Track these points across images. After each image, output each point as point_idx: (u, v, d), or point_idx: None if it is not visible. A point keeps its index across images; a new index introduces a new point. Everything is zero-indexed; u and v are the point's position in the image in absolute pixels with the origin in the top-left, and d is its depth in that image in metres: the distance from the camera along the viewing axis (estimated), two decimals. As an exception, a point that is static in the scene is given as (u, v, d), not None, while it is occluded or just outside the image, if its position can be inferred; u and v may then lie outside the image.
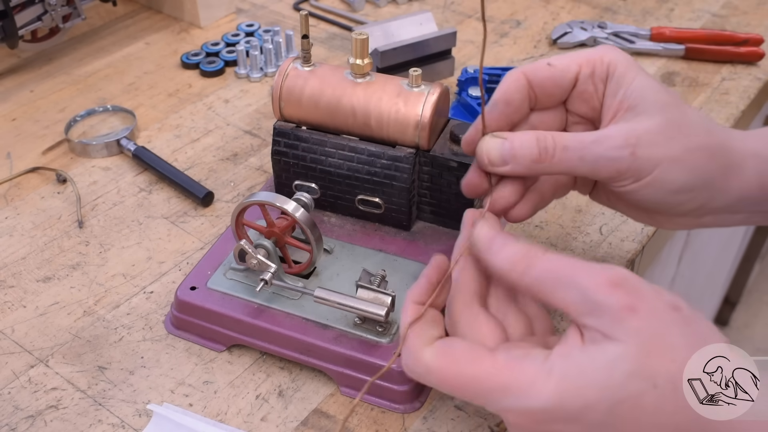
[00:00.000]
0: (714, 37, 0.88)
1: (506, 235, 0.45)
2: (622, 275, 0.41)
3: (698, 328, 0.41)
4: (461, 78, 0.79)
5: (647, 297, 0.40)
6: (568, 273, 0.41)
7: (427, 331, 0.44)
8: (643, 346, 0.39)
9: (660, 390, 0.39)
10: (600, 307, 0.40)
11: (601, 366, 0.39)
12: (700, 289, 1.48)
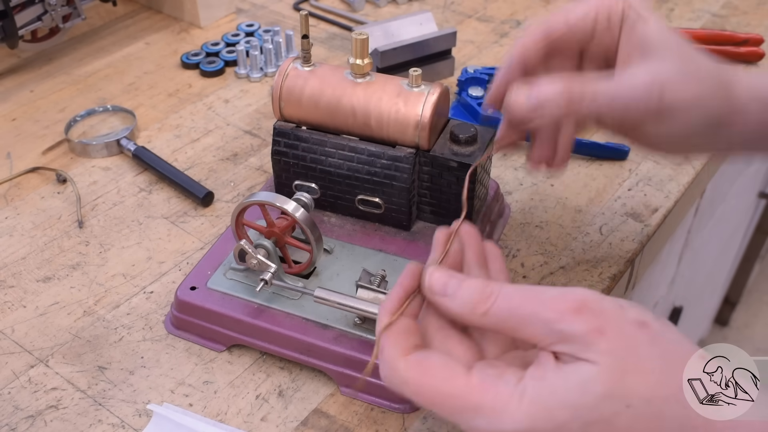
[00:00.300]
0: (714, 37, 0.88)
1: (459, 277, 0.44)
2: (583, 298, 0.41)
3: (667, 343, 0.41)
4: (461, 78, 0.79)
5: (612, 317, 0.40)
6: (529, 308, 0.41)
7: (404, 341, 0.43)
8: (616, 367, 0.39)
9: (633, 410, 0.38)
10: (567, 335, 0.40)
11: (573, 387, 0.39)
12: (700, 289, 1.48)
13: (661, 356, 0.40)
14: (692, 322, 1.56)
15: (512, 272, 0.63)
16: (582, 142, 0.74)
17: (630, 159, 0.74)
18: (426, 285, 0.44)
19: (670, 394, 0.39)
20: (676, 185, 0.71)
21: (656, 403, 0.39)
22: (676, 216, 0.74)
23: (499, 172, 0.73)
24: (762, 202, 1.68)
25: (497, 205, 0.66)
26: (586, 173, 0.73)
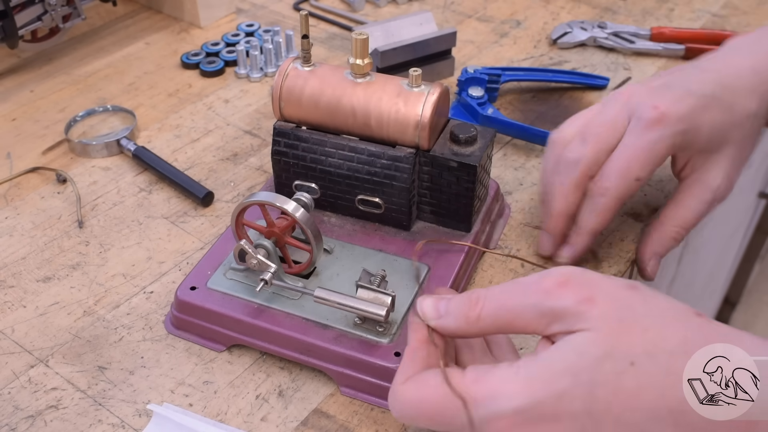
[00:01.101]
0: (714, 37, 0.88)
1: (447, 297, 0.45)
2: (567, 273, 0.41)
3: (660, 302, 0.40)
4: (461, 78, 0.79)
5: (600, 283, 0.40)
6: (516, 299, 0.42)
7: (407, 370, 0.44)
8: (611, 329, 0.39)
9: (638, 367, 0.38)
10: (558, 311, 0.40)
11: (569, 353, 0.39)
12: (700, 289, 1.48)
13: (656, 313, 0.39)
14: (692, 322, 1.56)
15: (512, 272, 0.63)
16: (582, 142, 0.74)
17: (630, 159, 0.74)
18: (421, 315, 0.45)
19: (674, 346, 0.38)
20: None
21: (661, 358, 0.38)
22: (676, 216, 0.74)
23: (499, 172, 0.73)
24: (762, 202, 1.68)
25: (497, 205, 0.66)
26: (586, 173, 0.73)
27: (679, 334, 0.39)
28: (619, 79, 0.86)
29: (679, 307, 0.40)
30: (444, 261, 0.59)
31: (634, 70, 0.87)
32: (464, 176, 0.59)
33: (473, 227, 0.62)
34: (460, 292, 0.59)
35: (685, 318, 0.40)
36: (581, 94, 0.84)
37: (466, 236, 0.61)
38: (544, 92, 0.84)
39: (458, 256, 0.59)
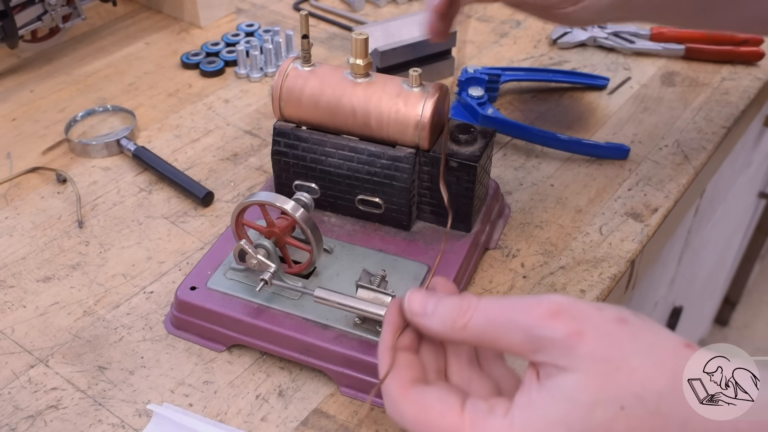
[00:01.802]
0: (714, 37, 0.88)
1: (437, 296, 0.45)
2: (559, 303, 0.40)
3: (649, 337, 0.40)
4: (461, 78, 0.79)
5: (590, 318, 0.40)
6: (507, 316, 0.41)
7: (404, 375, 0.44)
8: (599, 370, 0.38)
9: (629, 410, 0.38)
10: (546, 341, 0.40)
11: (560, 402, 0.39)
12: (700, 289, 1.48)
13: (645, 351, 0.39)
14: (692, 322, 1.56)
15: (512, 272, 0.63)
16: (582, 142, 0.74)
17: (630, 159, 0.74)
18: (406, 307, 0.45)
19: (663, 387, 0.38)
20: (676, 185, 0.72)
21: (650, 399, 0.38)
22: (676, 216, 0.74)
23: (499, 172, 0.73)
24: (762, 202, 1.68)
25: (497, 205, 0.66)
26: (586, 173, 0.73)
27: (667, 372, 0.39)
28: (619, 79, 0.86)
29: (668, 339, 0.40)
30: (444, 261, 0.59)
31: (634, 70, 0.87)
32: (464, 176, 0.59)
33: (473, 227, 0.62)
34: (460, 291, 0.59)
35: (673, 352, 0.39)
36: (581, 94, 0.84)
37: (466, 236, 0.61)
38: (544, 92, 0.84)
39: (458, 255, 0.59)
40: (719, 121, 0.79)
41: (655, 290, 1.04)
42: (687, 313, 1.37)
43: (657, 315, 1.17)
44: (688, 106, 0.82)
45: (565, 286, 0.62)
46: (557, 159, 0.75)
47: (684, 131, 0.78)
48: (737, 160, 1.14)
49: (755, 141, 1.23)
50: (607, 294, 0.62)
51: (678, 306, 1.29)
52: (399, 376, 0.44)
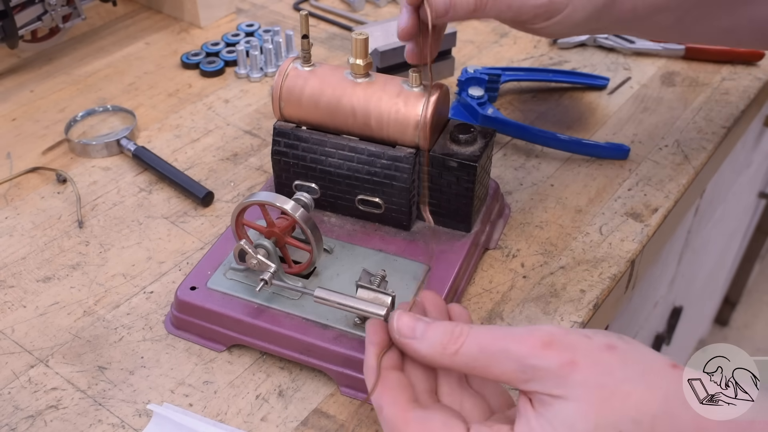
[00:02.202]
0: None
1: (426, 319, 0.45)
2: (551, 333, 0.41)
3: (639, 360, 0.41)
4: (461, 78, 0.79)
5: (581, 347, 0.41)
6: (499, 345, 0.42)
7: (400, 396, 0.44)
8: (595, 397, 0.39)
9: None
10: (539, 370, 0.40)
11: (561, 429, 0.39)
12: (700, 289, 1.48)
13: (636, 375, 0.40)
14: (692, 322, 1.56)
15: (512, 272, 0.63)
16: (582, 142, 0.74)
17: (630, 159, 0.74)
18: (394, 328, 0.45)
19: (656, 409, 0.39)
20: (676, 185, 0.72)
21: (646, 422, 0.39)
22: (676, 216, 0.74)
23: (499, 172, 0.73)
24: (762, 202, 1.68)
25: (497, 205, 0.66)
26: (586, 173, 0.73)
27: (660, 394, 0.39)
28: (619, 79, 0.86)
29: (656, 362, 0.41)
30: (444, 261, 0.59)
31: (634, 70, 0.87)
32: (464, 176, 0.59)
33: (473, 227, 0.62)
34: (459, 293, 0.59)
35: (662, 374, 0.40)
36: (581, 94, 0.84)
37: (466, 236, 0.61)
38: (544, 92, 0.84)
39: (458, 256, 0.59)
40: (719, 121, 0.79)
41: (655, 290, 1.04)
42: (687, 313, 1.37)
43: (657, 315, 1.17)
44: (688, 106, 0.82)
45: (565, 286, 0.62)
46: (557, 159, 0.75)
47: (684, 131, 0.78)
48: (737, 160, 1.14)
49: (755, 141, 1.23)
50: (607, 294, 0.62)
51: (678, 306, 1.30)
52: (396, 399, 0.43)
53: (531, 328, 0.42)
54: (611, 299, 0.63)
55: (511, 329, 0.42)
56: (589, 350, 0.41)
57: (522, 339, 0.41)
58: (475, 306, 0.60)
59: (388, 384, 0.44)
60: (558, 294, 0.61)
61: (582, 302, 0.60)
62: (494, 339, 0.42)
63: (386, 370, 0.45)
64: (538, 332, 0.41)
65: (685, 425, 0.39)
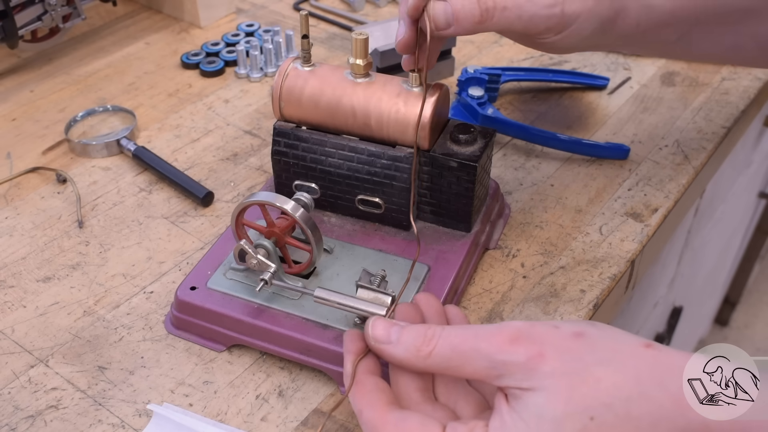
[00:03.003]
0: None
1: (401, 324, 0.46)
2: (517, 328, 0.42)
3: (609, 345, 0.41)
4: (461, 78, 0.79)
5: (548, 338, 0.41)
6: (470, 344, 0.42)
7: (378, 400, 0.44)
8: (564, 385, 0.39)
9: (598, 419, 0.38)
10: (508, 365, 0.41)
11: (531, 421, 0.39)
12: (700, 289, 1.48)
13: (606, 358, 0.40)
14: (692, 322, 1.56)
15: (512, 272, 0.63)
16: (582, 142, 0.74)
17: (630, 159, 0.74)
18: (369, 335, 0.46)
19: (629, 392, 0.39)
20: (676, 185, 0.72)
21: (618, 406, 0.39)
22: (676, 216, 0.74)
23: (499, 172, 0.73)
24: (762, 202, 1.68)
25: (497, 205, 0.66)
26: (586, 173, 0.73)
27: (630, 376, 0.39)
28: (619, 79, 0.86)
29: (627, 343, 0.41)
30: (444, 261, 0.59)
31: (634, 70, 0.87)
32: (464, 176, 0.59)
33: (473, 227, 0.62)
34: (459, 293, 0.59)
35: (634, 355, 0.40)
36: (581, 94, 0.84)
37: (466, 236, 0.61)
38: (544, 92, 0.84)
39: (458, 256, 0.59)
40: (719, 121, 0.79)
41: (655, 290, 1.04)
42: (687, 313, 1.37)
43: (657, 315, 1.17)
44: (688, 106, 0.82)
45: (565, 286, 0.62)
46: (557, 159, 0.75)
47: (684, 131, 0.78)
48: (737, 160, 1.14)
49: (755, 141, 1.23)
50: (607, 294, 0.62)
51: (678, 306, 1.30)
52: (374, 403, 0.44)
53: (500, 325, 0.42)
54: (611, 299, 0.63)
55: (482, 327, 0.43)
56: (557, 340, 0.41)
57: (491, 336, 0.42)
58: (475, 306, 0.60)
59: (366, 388, 0.45)
60: (558, 294, 0.61)
61: (582, 302, 0.60)
62: (465, 339, 0.43)
63: (365, 375, 0.46)
64: (506, 328, 0.42)
65: (664, 407, 0.38)
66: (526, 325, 0.42)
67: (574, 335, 0.41)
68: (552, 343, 0.41)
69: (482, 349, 0.42)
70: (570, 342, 0.41)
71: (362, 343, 0.48)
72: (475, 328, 0.43)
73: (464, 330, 0.43)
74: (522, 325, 0.42)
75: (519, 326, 0.42)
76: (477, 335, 0.42)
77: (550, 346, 0.41)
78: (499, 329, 0.42)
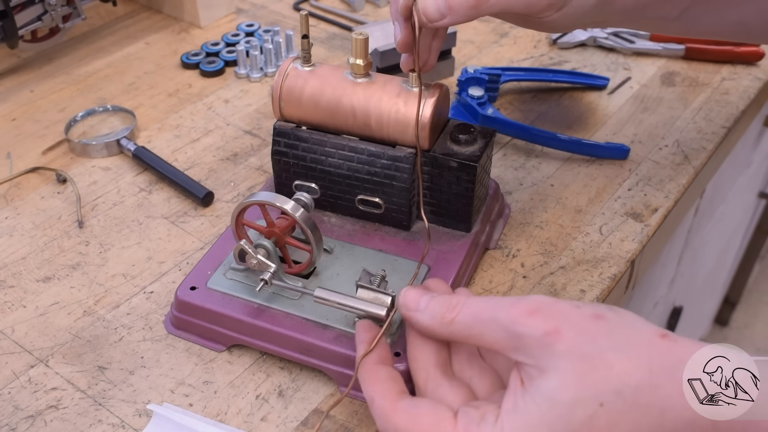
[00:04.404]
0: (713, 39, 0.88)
1: (430, 294, 0.47)
2: (538, 301, 0.42)
3: (626, 331, 0.41)
4: (461, 78, 0.79)
5: (567, 315, 0.41)
6: (489, 313, 0.43)
7: (390, 389, 0.45)
8: (578, 368, 0.39)
9: (608, 406, 0.39)
10: (524, 339, 0.41)
11: (543, 405, 0.40)
12: (700, 289, 1.48)
13: (621, 345, 0.40)
14: (692, 322, 1.56)
15: (512, 272, 0.63)
16: (582, 142, 0.74)
17: (630, 159, 0.74)
18: (400, 302, 0.47)
19: (639, 380, 0.39)
20: (676, 185, 0.72)
21: (628, 393, 0.39)
22: (676, 216, 0.74)
23: (499, 172, 0.73)
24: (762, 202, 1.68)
25: (497, 205, 0.66)
26: (586, 173, 0.73)
27: (642, 364, 0.39)
28: (619, 79, 0.86)
29: (644, 332, 0.41)
30: (444, 261, 0.59)
31: (634, 70, 0.87)
32: (464, 176, 0.59)
33: (473, 227, 0.62)
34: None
35: (649, 345, 0.40)
36: (581, 94, 0.84)
37: (466, 236, 0.61)
38: (544, 92, 0.84)
39: (458, 256, 0.59)
40: (719, 121, 0.79)
41: (655, 290, 1.04)
42: (687, 313, 1.37)
43: (657, 315, 1.17)
44: (688, 106, 0.82)
45: (565, 286, 0.62)
46: (557, 159, 0.75)
47: (684, 131, 0.78)
48: (737, 160, 1.14)
49: (755, 141, 1.23)
50: (607, 294, 0.62)
51: (678, 306, 1.30)
52: (385, 391, 0.45)
53: (521, 297, 0.43)
54: (611, 299, 0.63)
55: (504, 298, 0.43)
56: (576, 319, 0.41)
57: (510, 307, 0.42)
58: (475, 306, 0.60)
59: (379, 377, 0.46)
60: (558, 294, 0.61)
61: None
62: (486, 308, 0.43)
63: (376, 364, 0.47)
64: (527, 301, 0.42)
65: (672, 397, 0.38)
66: (548, 300, 0.42)
67: (593, 317, 0.41)
68: (570, 321, 0.41)
69: (501, 319, 0.42)
70: (588, 323, 0.41)
71: (374, 332, 0.48)
72: (497, 299, 0.44)
73: (486, 300, 0.44)
74: (544, 299, 0.42)
75: (540, 300, 0.42)
76: (498, 305, 0.43)
77: (567, 323, 0.41)
78: (519, 300, 0.42)
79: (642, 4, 0.57)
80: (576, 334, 0.40)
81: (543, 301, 0.42)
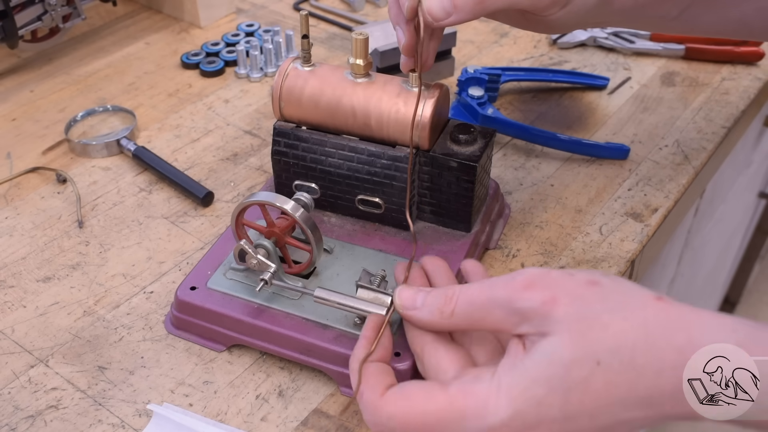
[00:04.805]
0: (714, 37, 0.88)
1: (425, 290, 0.47)
2: (531, 274, 0.42)
3: (620, 294, 0.41)
4: (461, 78, 0.79)
5: (562, 283, 0.42)
6: (486, 295, 0.43)
7: (379, 383, 0.45)
8: (575, 330, 0.40)
9: (604, 365, 0.39)
10: (525, 312, 0.41)
11: (541, 362, 0.40)
12: (700, 289, 1.48)
13: (616, 307, 0.41)
14: (692, 322, 1.56)
15: (512, 272, 0.63)
16: (582, 142, 0.74)
17: (630, 159, 0.74)
18: (397, 303, 0.48)
19: (635, 339, 0.39)
20: (676, 185, 0.72)
21: (624, 352, 0.39)
22: (676, 216, 0.74)
23: (499, 172, 0.73)
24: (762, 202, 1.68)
25: (497, 205, 0.66)
26: (586, 173, 0.73)
27: (637, 323, 0.40)
28: (619, 79, 0.86)
29: (638, 295, 0.42)
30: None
31: (634, 70, 0.87)
32: (464, 176, 0.59)
33: (473, 227, 0.62)
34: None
35: (643, 306, 0.41)
36: (581, 94, 0.84)
37: (466, 236, 0.61)
38: (544, 92, 0.84)
39: (458, 256, 0.59)
40: (719, 121, 0.79)
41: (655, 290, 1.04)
42: (687, 313, 1.36)
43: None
44: (688, 106, 0.82)
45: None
46: (557, 159, 0.75)
47: (684, 131, 0.78)
48: (737, 160, 1.14)
49: (755, 141, 1.23)
50: (607, 294, 0.62)
51: (678, 306, 1.29)
52: (374, 386, 0.45)
53: (514, 273, 0.43)
54: (611, 299, 0.63)
55: (498, 278, 0.44)
56: (570, 286, 0.42)
57: (505, 284, 0.43)
58: (475, 306, 0.60)
59: (368, 371, 0.46)
60: (558, 294, 0.61)
61: (582, 302, 0.60)
62: (482, 291, 0.44)
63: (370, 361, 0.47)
64: (521, 275, 0.43)
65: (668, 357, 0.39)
66: (541, 272, 0.43)
67: (588, 283, 0.42)
68: (565, 289, 0.41)
69: (498, 298, 0.42)
70: (583, 289, 0.41)
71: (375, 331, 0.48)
72: (491, 280, 0.44)
73: (481, 283, 0.44)
74: (536, 271, 0.43)
75: (533, 272, 0.43)
76: (493, 285, 0.43)
77: (563, 291, 0.41)
78: (513, 277, 0.43)
79: (641, 4, 0.57)
80: (572, 300, 0.41)
81: (536, 273, 0.43)
